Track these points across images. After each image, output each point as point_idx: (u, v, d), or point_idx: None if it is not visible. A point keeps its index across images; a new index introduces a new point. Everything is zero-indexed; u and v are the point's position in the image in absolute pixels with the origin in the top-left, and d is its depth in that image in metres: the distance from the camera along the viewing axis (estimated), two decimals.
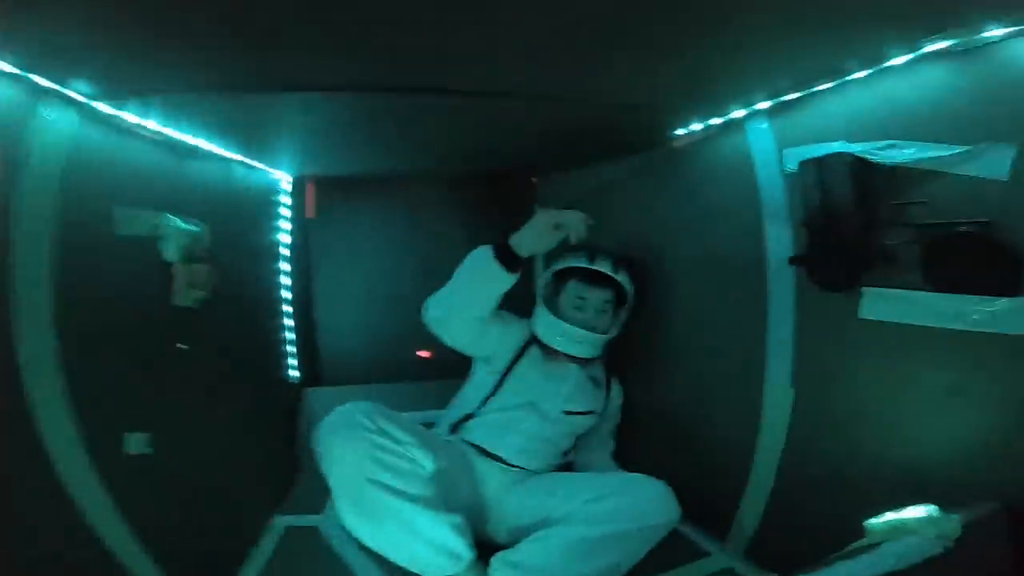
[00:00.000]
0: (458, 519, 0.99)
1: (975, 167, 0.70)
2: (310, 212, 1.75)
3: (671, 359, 1.33)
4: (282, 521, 1.26)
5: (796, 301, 0.97)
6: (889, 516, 0.69)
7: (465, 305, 1.15)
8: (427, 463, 0.99)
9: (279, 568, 1.10)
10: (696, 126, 1.05)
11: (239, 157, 1.28)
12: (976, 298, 0.71)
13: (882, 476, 0.84)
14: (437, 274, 1.19)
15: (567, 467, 1.33)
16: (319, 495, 1.28)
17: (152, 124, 0.94)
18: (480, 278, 1.11)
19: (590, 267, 1.23)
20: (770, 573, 1.02)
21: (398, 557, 0.98)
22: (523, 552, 1.00)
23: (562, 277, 1.31)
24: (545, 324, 1.27)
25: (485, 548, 1.04)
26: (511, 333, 1.29)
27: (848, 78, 0.81)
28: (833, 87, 0.84)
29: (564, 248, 1.16)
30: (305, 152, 1.38)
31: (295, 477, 1.47)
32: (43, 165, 0.74)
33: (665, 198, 1.31)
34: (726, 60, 0.76)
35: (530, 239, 1.08)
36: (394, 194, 1.85)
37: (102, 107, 0.83)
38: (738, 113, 0.96)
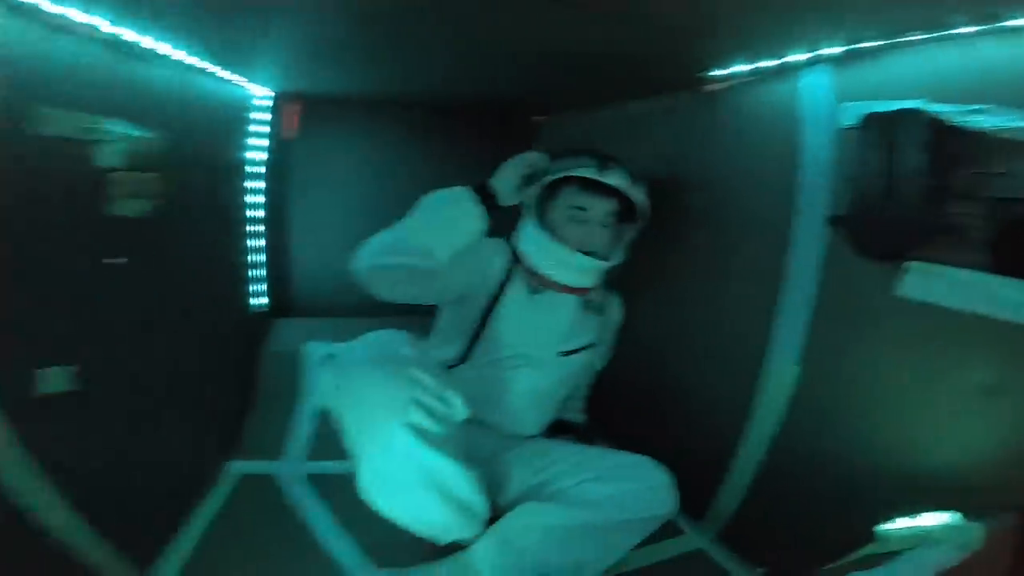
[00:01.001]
0: (479, 474, 0.83)
1: None
2: (289, 132, 1.60)
3: (667, 318, 1.24)
4: (235, 467, 1.18)
5: (821, 268, 0.88)
6: (904, 523, 0.65)
7: (425, 252, 0.92)
8: (461, 409, 0.83)
9: (230, 523, 1.03)
10: (739, 67, 0.93)
11: (208, 67, 1.11)
12: None
13: (889, 476, 0.78)
14: None
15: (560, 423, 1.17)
16: (274, 437, 1.21)
17: (101, 22, 0.78)
18: (454, 223, 0.94)
19: (599, 179, 0.98)
20: (745, 561, 1.00)
21: (413, 519, 0.80)
22: (514, 528, 0.88)
23: (555, 186, 1.04)
24: (536, 244, 1.03)
25: None
26: (486, 261, 1.05)
27: (936, 34, 0.70)
28: (917, 41, 0.73)
29: (563, 152, 1.02)
30: (288, 65, 1.21)
31: (246, 416, 1.37)
32: None
33: (687, 144, 1.19)
34: None
35: (509, 184, 0.97)
36: (382, 119, 1.71)
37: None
38: (794, 58, 0.85)
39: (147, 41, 0.89)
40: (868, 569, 0.61)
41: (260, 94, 1.44)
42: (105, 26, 0.80)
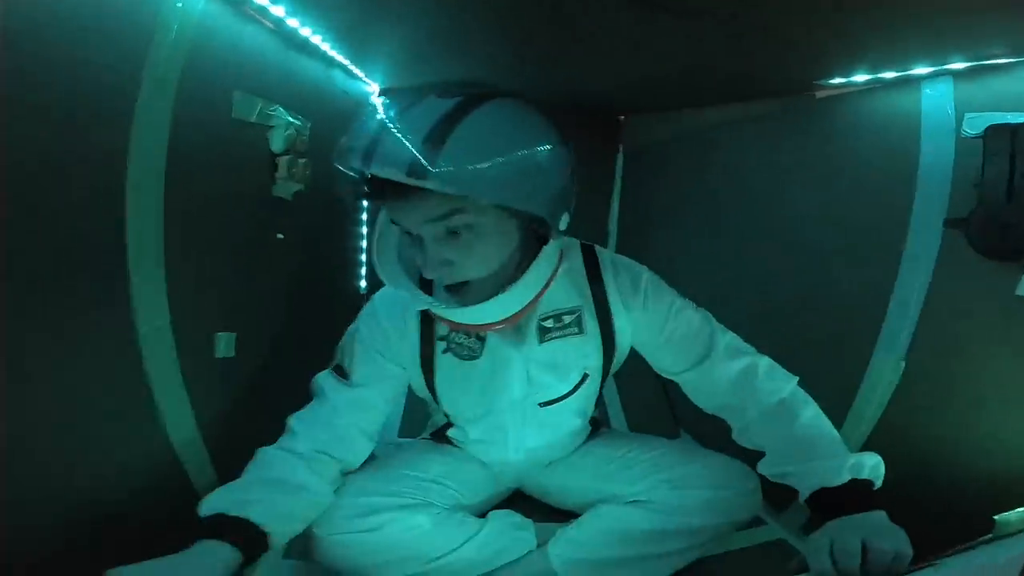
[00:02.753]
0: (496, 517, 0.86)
1: None
2: None
3: (773, 312, 1.24)
4: None
5: (933, 268, 0.90)
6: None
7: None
8: (425, 515, 0.80)
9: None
10: (857, 77, 0.96)
11: (343, 60, 1.21)
12: None
13: (992, 476, 0.79)
14: None
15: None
16: None
17: (279, 11, 0.87)
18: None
19: (366, 175, 0.65)
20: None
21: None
22: (588, 531, 0.85)
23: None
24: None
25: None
26: (385, 343, 0.82)
27: None
28: None
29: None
30: (396, 60, 1.29)
31: None
32: (170, 44, 0.71)
33: (798, 149, 1.20)
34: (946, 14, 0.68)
35: None
36: None
37: None
38: (918, 70, 0.88)
39: (306, 31, 0.98)
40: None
41: (370, 89, 1.53)
42: (278, 12, 0.87)
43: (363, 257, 1.65)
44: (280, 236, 1.03)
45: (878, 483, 0.71)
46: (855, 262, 1.05)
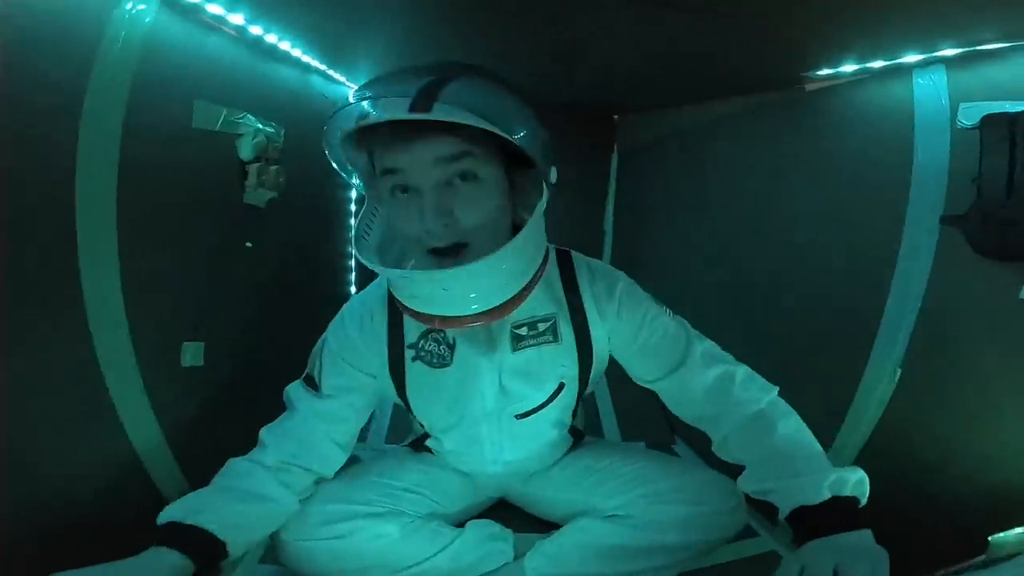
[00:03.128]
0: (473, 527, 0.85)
1: None
2: None
3: (760, 317, 1.20)
4: None
5: (930, 269, 0.85)
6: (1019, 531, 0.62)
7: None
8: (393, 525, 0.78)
9: None
10: (847, 67, 0.91)
11: (319, 65, 1.19)
12: None
13: (993, 486, 0.74)
14: None
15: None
16: None
17: (238, 19, 0.86)
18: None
19: (366, 122, 0.59)
20: None
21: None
22: (565, 545, 0.82)
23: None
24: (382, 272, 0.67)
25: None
26: (352, 352, 0.79)
27: None
28: None
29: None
30: (377, 61, 1.27)
31: None
32: (117, 52, 0.69)
33: (787, 144, 1.16)
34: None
35: None
36: None
37: None
38: (909, 58, 0.83)
39: (272, 38, 0.97)
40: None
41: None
42: (237, 20, 0.87)
43: (352, 263, 1.63)
44: (249, 244, 1.01)
45: (863, 500, 0.66)
46: (850, 261, 1.00)
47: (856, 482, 0.66)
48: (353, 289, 1.65)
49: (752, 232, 1.25)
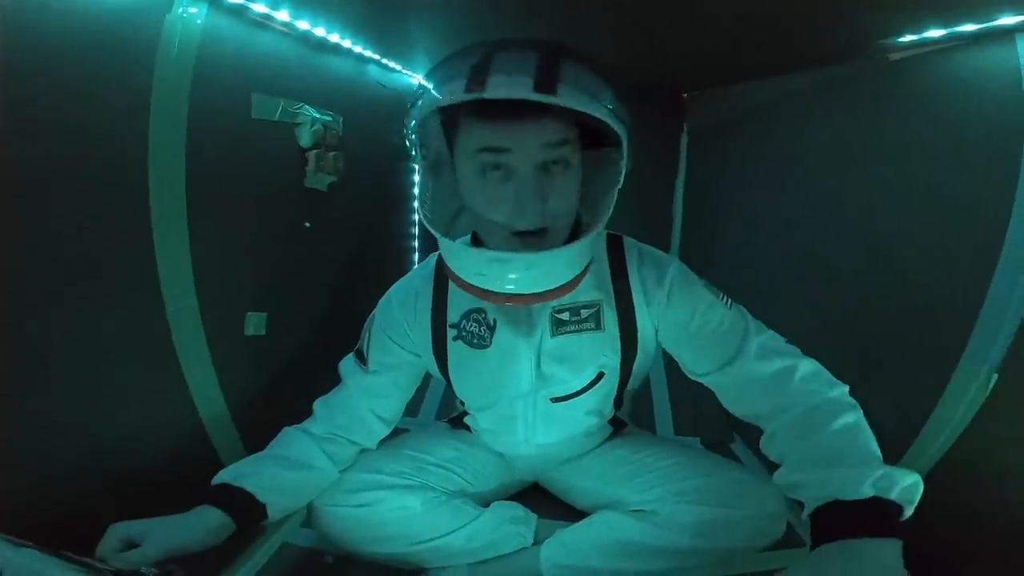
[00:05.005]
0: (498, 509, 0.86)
1: None
2: None
3: (833, 310, 1.09)
4: None
5: None
6: None
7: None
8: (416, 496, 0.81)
9: None
10: (934, 32, 0.79)
11: (374, 56, 1.24)
12: None
13: None
14: None
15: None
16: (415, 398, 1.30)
17: (283, 16, 0.91)
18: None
19: (480, 96, 0.56)
20: None
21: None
22: (584, 537, 0.81)
23: (451, 123, 0.66)
24: (447, 247, 0.67)
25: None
26: (395, 330, 0.84)
27: None
28: None
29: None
30: (435, 48, 1.28)
31: None
32: (176, 53, 0.76)
33: (868, 122, 1.03)
34: None
35: None
36: None
37: None
38: (1009, 19, 0.70)
39: (320, 31, 1.01)
40: None
41: (412, 79, 1.55)
42: (283, 17, 0.91)
43: (415, 244, 1.69)
44: (307, 225, 1.09)
45: (908, 510, 0.56)
46: (942, 252, 0.87)
47: (908, 487, 0.56)
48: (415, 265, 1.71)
49: (831, 218, 1.13)
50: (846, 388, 0.68)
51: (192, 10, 0.76)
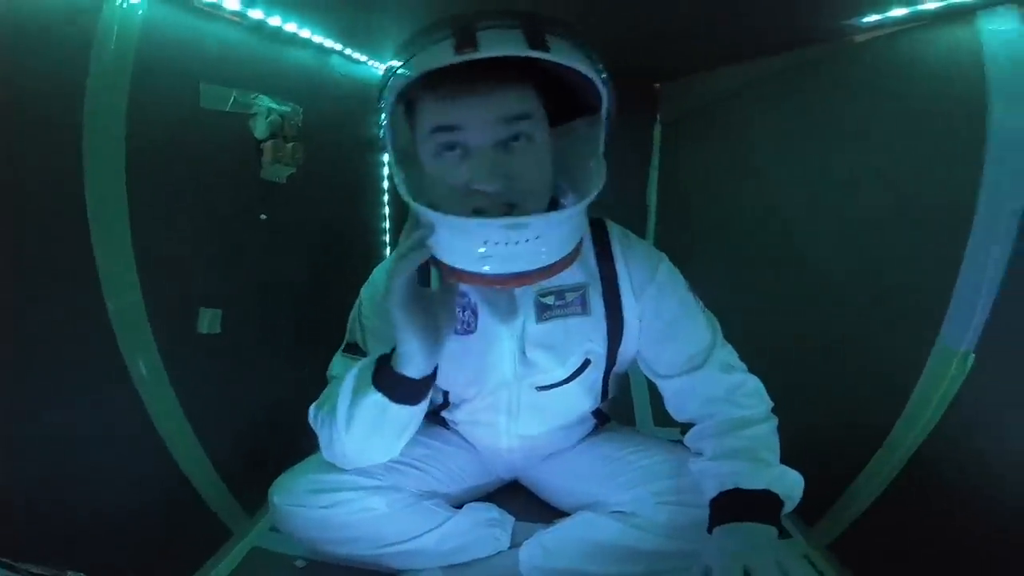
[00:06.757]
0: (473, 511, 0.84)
1: None
2: None
3: (809, 294, 1.09)
4: None
5: (1016, 236, 0.72)
6: None
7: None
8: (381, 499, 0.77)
9: None
10: (897, 11, 0.79)
11: (336, 46, 1.20)
12: None
13: None
14: None
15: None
16: None
17: (233, 4, 0.87)
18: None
19: (455, 59, 0.53)
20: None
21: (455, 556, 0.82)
22: (563, 539, 0.80)
23: (411, 119, 0.63)
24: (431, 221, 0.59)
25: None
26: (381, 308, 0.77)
27: None
28: None
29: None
30: (399, 39, 1.26)
31: None
32: (113, 45, 0.72)
33: (833, 107, 1.03)
34: None
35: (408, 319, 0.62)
36: None
37: None
38: None
39: (275, 21, 0.97)
40: None
41: (376, 68, 1.51)
42: (233, 5, 0.87)
43: (387, 238, 1.65)
44: (263, 217, 1.05)
45: (790, 504, 0.68)
46: (913, 233, 0.87)
47: (792, 484, 0.68)
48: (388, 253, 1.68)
49: (803, 202, 1.13)
50: (772, 405, 0.76)
51: (133, 0, 0.72)
